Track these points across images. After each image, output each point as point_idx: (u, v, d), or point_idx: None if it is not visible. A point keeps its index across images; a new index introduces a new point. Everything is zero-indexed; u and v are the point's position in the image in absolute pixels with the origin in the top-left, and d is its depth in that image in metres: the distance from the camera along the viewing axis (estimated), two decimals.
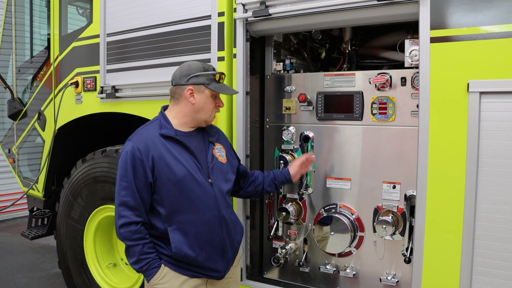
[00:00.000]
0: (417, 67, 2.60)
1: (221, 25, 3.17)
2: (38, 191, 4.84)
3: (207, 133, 2.64)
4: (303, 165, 2.94)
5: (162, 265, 2.46)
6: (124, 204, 2.40)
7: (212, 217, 2.48)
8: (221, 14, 3.16)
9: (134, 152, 2.40)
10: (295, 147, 3.16)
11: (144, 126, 2.59)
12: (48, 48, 4.57)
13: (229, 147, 2.78)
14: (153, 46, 3.52)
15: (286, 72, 3.29)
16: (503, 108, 2.29)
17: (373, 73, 2.88)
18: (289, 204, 3.16)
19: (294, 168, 2.92)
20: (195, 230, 2.44)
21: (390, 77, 2.81)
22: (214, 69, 2.58)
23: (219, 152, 2.64)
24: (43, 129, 4.66)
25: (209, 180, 2.50)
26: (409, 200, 2.79)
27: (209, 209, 2.47)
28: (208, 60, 3.20)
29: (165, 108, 2.63)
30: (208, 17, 3.22)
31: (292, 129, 3.17)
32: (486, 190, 2.35)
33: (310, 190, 3.13)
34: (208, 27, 3.22)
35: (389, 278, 2.87)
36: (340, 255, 3.05)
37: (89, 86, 4.05)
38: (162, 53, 3.46)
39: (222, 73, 2.57)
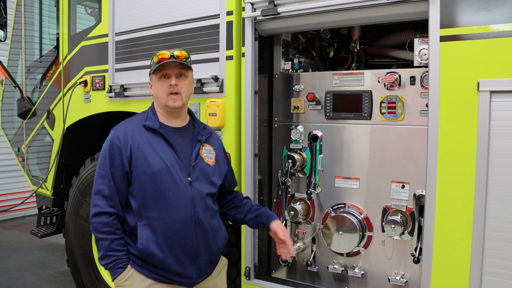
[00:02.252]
0: (426, 66, 2.59)
1: (229, 24, 3.17)
2: (47, 189, 4.87)
3: (197, 131, 2.55)
4: (279, 239, 2.63)
5: (129, 266, 2.35)
6: (99, 193, 2.34)
7: (185, 218, 2.34)
8: (229, 13, 3.17)
9: (114, 141, 2.37)
10: (303, 146, 3.16)
11: (132, 117, 2.57)
12: (57, 47, 4.60)
13: (221, 151, 2.66)
14: (161, 45, 3.53)
15: (294, 71, 3.29)
16: None
17: (382, 72, 2.86)
18: (298, 203, 3.16)
19: (277, 228, 2.61)
20: (165, 228, 2.32)
21: (399, 76, 2.80)
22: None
23: (207, 153, 2.53)
24: (52, 128, 4.69)
25: (189, 178, 2.39)
26: (418, 200, 2.77)
27: (183, 209, 2.34)
28: (217, 59, 3.21)
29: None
30: (217, 16, 3.22)
31: (300, 128, 3.17)
32: (496, 190, 2.33)
33: (318, 190, 3.12)
34: (217, 26, 3.22)
35: (397, 278, 2.86)
36: (349, 254, 3.04)
37: (97, 85, 4.06)
38: None
39: (162, 52, 2.42)
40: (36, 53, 5.13)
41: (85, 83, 4.15)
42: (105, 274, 4.15)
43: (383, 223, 2.87)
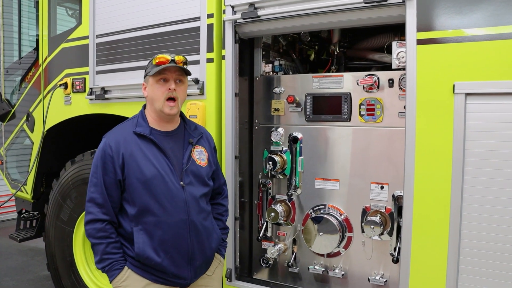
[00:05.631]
0: (404, 69, 2.63)
1: (210, 27, 3.18)
2: (27, 193, 4.82)
3: (188, 133, 2.55)
4: None
5: (126, 267, 2.40)
6: (92, 201, 2.38)
7: (179, 222, 2.39)
8: (210, 15, 3.18)
9: (106, 149, 2.38)
10: (284, 148, 3.18)
11: (122, 123, 2.56)
12: (36, 49, 4.56)
13: (211, 151, 2.67)
14: (142, 47, 3.53)
15: (275, 73, 3.31)
16: (488, 109, 2.33)
17: (361, 74, 2.90)
18: (278, 205, 3.18)
19: None
20: (160, 232, 2.37)
21: (378, 78, 2.84)
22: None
23: (199, 155, 2.54)
24: (32, 131, 4.64)
25: (181, 182, 2.41)
26: (397, 201, 2.81)
27: (177, 213, 2.38)
28: (197, 62, 3.22)
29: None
30: (197, 18, 3.23)
31: (281, 130, 3.19)
32: (472, 190, 2.38)
33: (299, 191, 3.14)
34: (197, 28, 3.23)
35: (377, 278, 2.89)
36: (329, 255, 3.07)
37: (78, 87, 4.03)
38: (152, 55, 3.43)
39: (162, 55, 2.42)
40: (15, 54, 5.08)
41: (65, 85, 4.12)
42: (86, 278, 4.11)
43: (363, 223, 2.90)
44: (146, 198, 2.36)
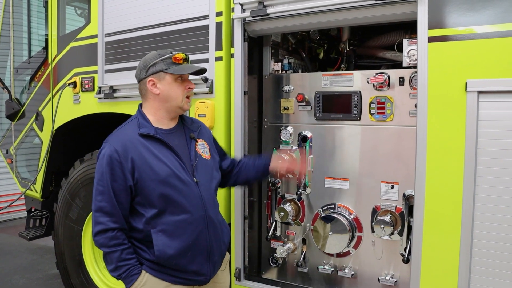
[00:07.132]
0: (415, 67, 2.60)
1: (219, 25, 3.17)
2: (36, 191, 4.83)
3: (188, 128, 2.54)
4: (286, 167, 2.89)
5: (143, 271, 2.35)
6: (101, 210, 2.29)
7: (198, 218, 2.38)
8: (219, 14, 3.16)
9: (112, 154, 2.28)
10: (293, 147, 3.16)
11: (122, 126, 2.48)
12: (46, 48, 4.57)
13: (211, 142, 2.68)
14: (151, 46, 3.51)
15: (284, 72, 3.29)
16: (501, 108, 2.29)
17: (371, 73, 2.87)
18: (287, 204, 3.16)
19: (275, 162, 2.85)
20: (180, 232, 2.33)
21: (388, 76, 2.80)
22: (171, 52, 2.43)
23: (202, 148, 2.54)
24: (41, 130, 4.65)
25: (194, 179, 2.40)
26: (408, 200, 2.78)
27: (195, 210, 2.37)
28: (206, 60, 3.20)
29: (142, 106, 2.53)
30: (206, 17, 3.21)
31: (290, 129, 3.17)
32: (484, 190, 2.34)
33: (308, 190, 3.12)
34: (206, 27, 3.22)
35: (387, 278, 2.86)
36: (339, 255, 3.04)
37: (87, 86, 4.04)
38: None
39: (181, 54, 2.42)
40: (24, 54, 5.09)
41: (74, 84, 4.12)
42: (95, 277, 4.12)
43: (373, 223, 2.87)
44: (163, 199, 2.31)
